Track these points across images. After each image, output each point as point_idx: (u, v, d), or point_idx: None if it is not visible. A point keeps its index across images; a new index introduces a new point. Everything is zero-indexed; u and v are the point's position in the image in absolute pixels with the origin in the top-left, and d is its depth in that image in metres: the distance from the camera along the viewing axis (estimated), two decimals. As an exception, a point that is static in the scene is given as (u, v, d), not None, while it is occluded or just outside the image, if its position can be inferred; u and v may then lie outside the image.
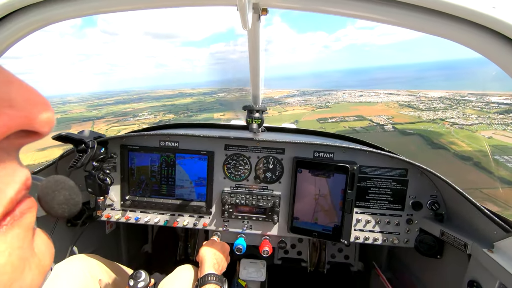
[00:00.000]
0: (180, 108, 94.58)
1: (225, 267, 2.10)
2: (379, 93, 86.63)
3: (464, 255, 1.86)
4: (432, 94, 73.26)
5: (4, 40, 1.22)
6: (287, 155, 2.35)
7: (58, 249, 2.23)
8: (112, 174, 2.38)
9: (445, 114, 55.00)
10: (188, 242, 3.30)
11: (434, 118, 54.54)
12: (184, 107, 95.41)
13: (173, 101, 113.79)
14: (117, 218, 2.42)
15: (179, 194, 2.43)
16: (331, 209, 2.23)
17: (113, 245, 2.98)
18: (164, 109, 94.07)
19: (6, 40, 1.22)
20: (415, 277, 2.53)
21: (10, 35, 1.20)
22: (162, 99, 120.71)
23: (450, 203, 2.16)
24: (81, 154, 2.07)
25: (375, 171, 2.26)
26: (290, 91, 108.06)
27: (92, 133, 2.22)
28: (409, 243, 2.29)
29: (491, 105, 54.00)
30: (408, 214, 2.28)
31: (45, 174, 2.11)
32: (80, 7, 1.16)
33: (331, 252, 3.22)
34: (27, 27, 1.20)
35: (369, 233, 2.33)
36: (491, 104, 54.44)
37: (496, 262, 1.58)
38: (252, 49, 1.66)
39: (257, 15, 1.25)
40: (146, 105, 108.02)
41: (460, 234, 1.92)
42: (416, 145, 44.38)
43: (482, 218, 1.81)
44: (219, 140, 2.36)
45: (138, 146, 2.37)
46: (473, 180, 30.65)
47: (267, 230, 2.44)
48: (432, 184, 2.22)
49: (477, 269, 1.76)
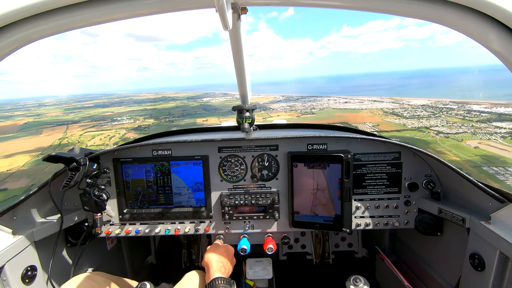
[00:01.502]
0: (161, 113, 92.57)
1: (232, 270, 2.09)
2: (363, 100, 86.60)
3: (463, 229, 1.90)
4: (415, 101, 73.35)
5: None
6: (281, 151, 2.36)
7: (61, 270, 2.19)
8: (108, 189, 2.34)
9: (429, 122, 54.65)
10: (191, 249, 3.28)
11: (419, 126, 54.14)
12: (166, 112, 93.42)
13: (155, 105, 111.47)
14: (117, 233, 2.39)
15: (177, 201, 2.42)
16: (330, 199, 2.25)
17: (117, 260, 2.95)
18: (145, 113, 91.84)
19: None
20: (418, 256, 2.58)
21: None
22: (144, 103, 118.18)
23: (445, 181, 2.21)
24: (73, 173, 2.04)
25: (369, 157, 2.29)
26: (275, 96, 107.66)
27: (83, 150, 2.19)
28: (409, 224, 2.33)
29: (473, 113, 54.01)
30: (406, 196, 2.32)
31: (38, 196, 2.07)
32: (61, 22, 1.14)
33: (335, 241, 3.25)
34: (10, 45, 1.18)
35: (369, 219, 2.36)
36: (472, 112, 54.45)
37: (494, 233, 1.62)
38: (235, 49, 1.66)
39: (237, 14, 1.24)
40: (126, 109, 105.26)
41: (457, 210, 1.96)
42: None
43: (477, 191, 1.85)
44: (211, 144, 2.35)
45: (131, 158, 2.34)
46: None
47: (269, 228, 2.45)
48: (425, 164, 2.26)
49: (477, 241, 1.80)
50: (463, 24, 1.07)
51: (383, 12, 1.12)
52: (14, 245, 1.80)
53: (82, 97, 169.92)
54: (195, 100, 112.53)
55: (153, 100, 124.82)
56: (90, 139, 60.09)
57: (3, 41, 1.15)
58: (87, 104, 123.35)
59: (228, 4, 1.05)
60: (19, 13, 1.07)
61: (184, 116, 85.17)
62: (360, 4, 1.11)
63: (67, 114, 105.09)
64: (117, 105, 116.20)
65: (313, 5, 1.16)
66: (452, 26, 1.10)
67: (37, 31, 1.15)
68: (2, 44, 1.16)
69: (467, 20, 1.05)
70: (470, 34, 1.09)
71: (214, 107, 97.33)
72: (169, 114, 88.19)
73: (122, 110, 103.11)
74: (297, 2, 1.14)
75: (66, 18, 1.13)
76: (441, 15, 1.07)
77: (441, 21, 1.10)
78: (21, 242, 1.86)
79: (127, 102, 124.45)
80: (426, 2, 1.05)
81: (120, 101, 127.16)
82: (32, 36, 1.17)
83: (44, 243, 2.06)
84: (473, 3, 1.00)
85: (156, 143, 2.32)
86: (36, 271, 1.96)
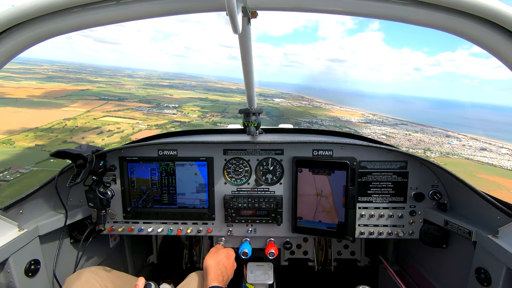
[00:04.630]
0: (218, 108, 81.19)
1: (232, 274, 2.09)
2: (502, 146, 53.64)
3: (469, 242, 1.87)
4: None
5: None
6: (286, 155, 2.35)
7: (64, 265, 2.20)
8: (113, 187, 2.37)
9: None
10: (193, 250, 3.27)
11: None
12: (221, 108, 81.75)
13: (223, 96, 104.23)
14: (120, 231, 2.40)
15: (181, 202, 2.42)
16: (334, 206, 2.23)
17: (119, 258, 2.96)
18: (200, 105, 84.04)
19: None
20: (422, 268, 2.54)
21: (6, 50, 1.23)
22: (213, 91, 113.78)
23: (452, 192, 2.18)
24: (80, 169, 2.06)
25: (375, 165, 2.28)
26: (364, 113, 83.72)
27: (90, 147, 2.20)
28: (414, 235, 2.31)
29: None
30: (411, 206, 2.30)
31: (45, 191, 2.09)
32: (74, 21, 1.18)
33: (337, 249, 3.21)
34: (22, 43, 1.23)
35: (373, 227, 2.34)
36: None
37: (502, 247, 1.58)
38: (244, 53, 1.65)
39: (247, 18, 1.25)
40: (196, 95, 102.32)
41: (464, 222, 1.93)
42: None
43: (485, 204, 1.81)
44: (217, 145, 2.35)
45: (137, 157, 2.35)
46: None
47: (272, 232, 2.44)
48: (432, 175, 2.24)
49: (484, 255, 1.76)
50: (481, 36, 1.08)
51: (396, 20, 1.13)
52: (19, 239, 1.82)
53: (173, 75, 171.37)
54: (265, 99, 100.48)
55: (222, 90, 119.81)
56: (97, 129, 54.50)
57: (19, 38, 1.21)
58: (163, 83, 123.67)
59: (239, 7, 1.05)
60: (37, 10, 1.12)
61: (237, 117, 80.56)
62: (374, 12, 1.11)
63: (137, 89, 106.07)
64: (189, 89, 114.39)
65: (326, 12, 1.15)
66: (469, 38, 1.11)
67: (53, 29, 1.20)
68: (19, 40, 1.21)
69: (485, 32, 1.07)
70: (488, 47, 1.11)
71: (280, 112, 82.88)
72: (224, 111, 77.25)
73: (192, 96, 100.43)
74: (309, 8, 1.14)
75: (76, 17, 1.17)
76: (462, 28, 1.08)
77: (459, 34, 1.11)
78: (26, 236, 1.88)
79: (198, 88, 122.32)
80: (444, 13, 1.06)
81: (194, 86, 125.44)
82: (50, 32, 1.21)
83: (48, 238, 2.07)
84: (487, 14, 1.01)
85: (162, 143, 2.33)
86: (40, 265, 1.97)
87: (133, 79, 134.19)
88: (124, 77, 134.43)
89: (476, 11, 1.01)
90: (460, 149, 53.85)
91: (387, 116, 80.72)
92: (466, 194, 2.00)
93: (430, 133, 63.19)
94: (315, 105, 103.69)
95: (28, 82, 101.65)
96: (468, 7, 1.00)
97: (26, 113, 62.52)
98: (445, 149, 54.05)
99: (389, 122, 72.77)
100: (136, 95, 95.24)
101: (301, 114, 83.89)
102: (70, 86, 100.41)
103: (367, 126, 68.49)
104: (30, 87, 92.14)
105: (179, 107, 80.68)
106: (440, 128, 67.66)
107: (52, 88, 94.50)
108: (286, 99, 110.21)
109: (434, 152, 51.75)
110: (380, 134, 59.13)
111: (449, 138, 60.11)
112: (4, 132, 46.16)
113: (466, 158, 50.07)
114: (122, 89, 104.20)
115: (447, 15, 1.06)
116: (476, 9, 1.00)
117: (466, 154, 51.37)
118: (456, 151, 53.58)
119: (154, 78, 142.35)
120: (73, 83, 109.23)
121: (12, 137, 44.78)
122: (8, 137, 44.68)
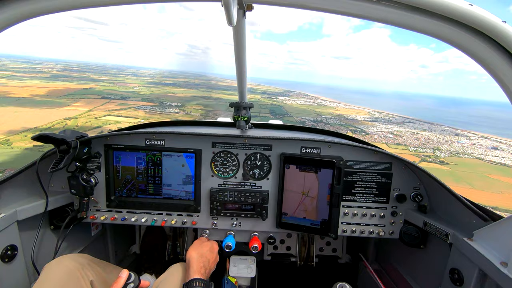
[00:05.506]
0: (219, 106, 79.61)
1: (214, 267, 2.09)
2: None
3: (446, 244, 1.93)
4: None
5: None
6: (274, 151, 2.36)
7: (42, 252, 2.17)
8: (96, 174, 2.33)
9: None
10: (177, 241, 3.27)
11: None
12: (226, 106, 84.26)
13: (226, 94, 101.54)
14: (102, 219, 2.37)
15: (166, 193, 2.41)
16: (319, 203, 2.26)
17: (100, 246, 2.92)
18: (198, 103, 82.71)
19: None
20: (400, 267, 2.61)
21: None
22: (216, 90, 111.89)
23: (432, 195, 2.24)
24: (63, 155, 2.01)
25: (361, 165, 2.31)
26: (369, 111, 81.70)
27: (74, 132, 2.15)
28: (394, 235, 2.36)
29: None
30: (393, 207, 2.35)
31: (25, 176, 2.04)
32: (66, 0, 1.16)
33: (320, 245, 3.27)
34: (13, 17, 1.20)
35: (355, 226, 2.38)
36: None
37: (476, 250, 1.65)
38: (237, 46, 1.65)
39: (242, 11, 1.24)
40: (198, 93, 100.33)
41: (441, 224, 1.99)
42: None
43: (462, 208, 1.88)
44: (206, 138, 2.34)
45: (123, 145, 2.32)
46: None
47: (256, 227, 2.45)
48: (415, 177, 2.29)
49: (458, 257, 1.83)
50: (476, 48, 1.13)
51: (396, 25, 1.15)
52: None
53: (177, 74, 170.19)
54: (269, 97, 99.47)
55: (225, 89, 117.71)
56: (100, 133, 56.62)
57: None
58: (167, 81, 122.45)
59: (235, 0, 1.04)
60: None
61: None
62: (374, 15, 1.13)
63: (141, 88, 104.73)
64: (192, 87, 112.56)
65: (324, 10, 1.15)
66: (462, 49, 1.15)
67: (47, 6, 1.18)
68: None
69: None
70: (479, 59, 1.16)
71: (284, 110, 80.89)
72: (227, 110, 78.75)
73: (195, 94, 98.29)
74: (306, 5, 1.14)
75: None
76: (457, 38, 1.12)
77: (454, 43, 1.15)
78: (3, 220, 1.83)
79: (201, 86, 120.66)
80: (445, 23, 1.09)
81: (197, 84, 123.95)
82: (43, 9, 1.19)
83: (27, 224, 2.03)
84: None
85: (149, 132, 2.30)
86: (17, 251, 1.93)
87: (137, 77, 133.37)
88: (128, 75, 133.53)
89: (468, 21, 1.04)
90: (471, 148, 51.83)
91: (393, 114, 78.29)
92: (445, 197, 2.06)
93: (439, 131, 61.79)
94: (320, 103, 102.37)
95: (32, 81, 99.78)
96: (459, 16, 1.03)
97: (27, 113, 60.94)
98: (454, 148, 52.34)
99: (395, 120, 70.95)
100: (140, 93, 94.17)
101: (306, 112, 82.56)
102: (74, 85, 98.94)
103: (374, 124, 66.28)
104: (34, 86, 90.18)
105: (182, 105, 79.37)
106: (448, 126, 65.84)
107: (56, 87, 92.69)
108: (290, 97, 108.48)
109: (444, 151, 50.00)
110: (387, 132, 56.89)
111: (458, 136, 58.07)
112: (5, 132, 44.79)
113: (477, 157, 47.98)
114: (126, 87, 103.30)
115: (441, 22, 1.09)
116: (468, 18, 1.03)
117: (477, 153, 49.47)
118: (466, 150, 51.72)
119: (158, 77, 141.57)
120: (77, 82, 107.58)
121: (11, 137, 43.41)
122: (6, 137, 43.34)
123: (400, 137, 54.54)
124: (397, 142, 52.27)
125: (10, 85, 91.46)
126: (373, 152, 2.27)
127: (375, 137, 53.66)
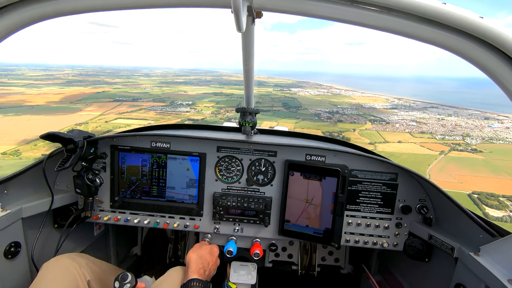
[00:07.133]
0: (230, 103, 76.92)
1: (214, 271, 2.08)
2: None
3: (451, 258, 1.89)
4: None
5: None
6: (279, 157, 2.35)
7: (45, 250, 2.18)
8: (102, 175, 2.35)
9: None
10: (178, 244, 3.26)
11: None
12: (236, 102, 76.15)
13: (237, 89, 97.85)
14: (105, 220, 2.38)
15: (169, 195, 2.41)
16: (322, 212, 2.24)
17: (102, 247, 2.93)
18: (212, 100, 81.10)
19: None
20: (403, 280, 2.56)
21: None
22: (228, 85, 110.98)
23: (439, 207, 2.20)
24: (69, 154, 2.04)
25: (366, 175, 2.28)
26: (388, 98, 74.99)
27: (82, 132, 2.18)
28: (398, 247, 2.32)
29: None
30: (398, 218, 2.31)
31: (32, 173, 2.07)
32: (75, 4, 1.20)
33: (322, 255, 3.22)
34: (20, 21, 1.23)
35: (359, 236, 2.34)
36: None
37: (482, 265, 1.61)
38: (245, 52, 1.66)
39: (252, 17, 1.26)
40: (210, 90, 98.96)
41: (447, 238, 1.95)
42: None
43: (469, 222, 1.84)
44: (211, 142, 2.35)
45: (129, 147, 2.34)
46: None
47: (258, 233, 2.43)
48: (421, 189, 2.25)
49: (464, 272, 1.78)
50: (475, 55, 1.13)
51: (397, 33, 1.17)
52: (1, 219, 1.80)
53: (188, 71, 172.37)
54: (281, 90, 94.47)
55: (236, 84, 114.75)
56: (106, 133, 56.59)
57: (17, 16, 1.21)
58: (178, 79, 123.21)
59: (244, 6, 1.06)
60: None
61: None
62: (377, 24, 1.15)
63: (152, 88, 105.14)
64: (204, 84, 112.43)
65: (329, 18, 1.17)
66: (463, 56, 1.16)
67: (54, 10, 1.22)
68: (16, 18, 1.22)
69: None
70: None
71: (298, 102, 76.31)
72: (239, 105, 75.78)
73: (206, 91, 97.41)
74: (313, 13, 1.16)
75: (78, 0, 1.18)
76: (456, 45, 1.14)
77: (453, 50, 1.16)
78: (8, 217, 1.85)
79: (213, 82, 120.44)
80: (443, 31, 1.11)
81: (208, 80, 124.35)
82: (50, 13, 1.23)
83: (31, 221, 2.05)
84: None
85: (155, 135, 2.32)
86: (20, 248, 1.95)
87: (150, 78, 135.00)
88: (140, 76, 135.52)
89: (472, 31, 1.06)
90: (505, 133, 46.68)
91: (414, 100, 73.41)
92: (452, 211, 2.02)
93: (466, 115, 57.44)
94: (335, 93, 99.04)
95: (49, 88, 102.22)
96: (462, 26, 1.05)
97: (40, 120, 61.85)
98: (486, 133, 47.17)
99: (417, 106, 66.08)
100: (151, 94, 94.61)
101: (320, 103, 79.56)
102: (88, 90, 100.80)
103: (394, 112, 61.80)
104: (50, 93, 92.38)
105: (193, 104, 78.67)
106: (476, 110, 60.67)
107: (71, 93, 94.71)
108: (304, 88, 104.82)
109: (475, 138, 44.93)
110: (409, 120, 52.29)
111: (488, 120, 53.01)
112: (19, 142, 45.23)
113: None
114: (138, 88, 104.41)
115: (442, 31, 1.11)
116: (470, 27, 1.05)
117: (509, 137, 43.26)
118: (500, 135, 46.38)
119: (170, 76, 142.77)
120: (91, 86, 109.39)
121: (21, 147, 43.73)
122: (17, 147, 43.67)
123: (425, 125, 50.20)
124: (421, 130, 47.49)
125: (27, 93, 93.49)
126: (379, 162, 2.25)
127: (397, 126, 49.64)
